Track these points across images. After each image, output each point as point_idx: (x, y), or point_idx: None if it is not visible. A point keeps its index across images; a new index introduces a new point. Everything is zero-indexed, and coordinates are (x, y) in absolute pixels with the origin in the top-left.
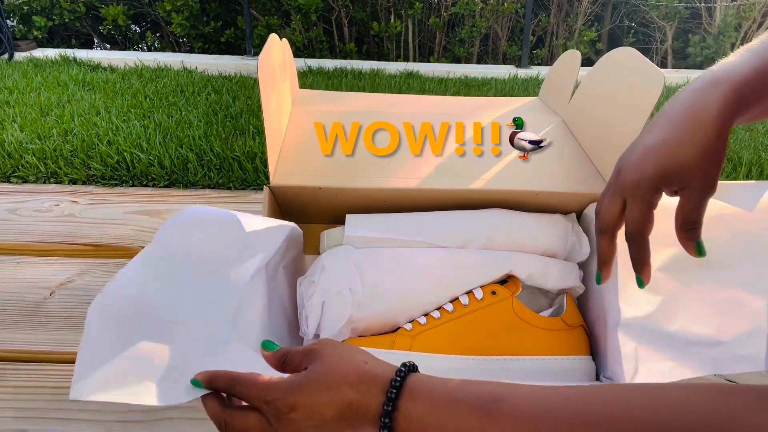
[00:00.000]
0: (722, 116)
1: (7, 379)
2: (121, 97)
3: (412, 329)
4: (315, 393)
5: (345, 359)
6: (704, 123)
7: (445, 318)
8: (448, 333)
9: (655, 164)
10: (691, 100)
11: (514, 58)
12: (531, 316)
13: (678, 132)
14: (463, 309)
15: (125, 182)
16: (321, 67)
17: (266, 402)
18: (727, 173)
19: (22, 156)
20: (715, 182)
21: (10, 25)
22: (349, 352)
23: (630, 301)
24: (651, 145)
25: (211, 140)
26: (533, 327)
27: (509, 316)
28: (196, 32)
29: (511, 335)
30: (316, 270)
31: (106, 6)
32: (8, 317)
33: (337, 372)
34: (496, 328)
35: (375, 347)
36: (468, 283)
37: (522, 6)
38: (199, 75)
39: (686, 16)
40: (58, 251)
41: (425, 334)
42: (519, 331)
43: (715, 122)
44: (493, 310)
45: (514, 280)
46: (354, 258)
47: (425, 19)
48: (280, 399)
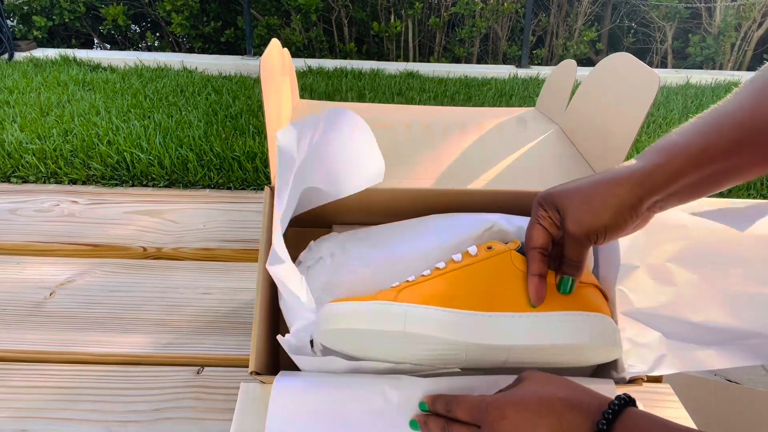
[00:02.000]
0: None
1: (7, 379)
2: (121, 97)
3: (398, 285)
4: (523, 409)
5: (553, 383)
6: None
7: (436, 273)
8: (439, 287)
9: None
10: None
11: (514, 58)
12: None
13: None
14: (455, 264)
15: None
16: (321, 67)
17: (479, 410)
18: None
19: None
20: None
21: (10, 25)
22: (554, 378)
23: (638, 290)
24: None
25: (211, 140)
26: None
27: (509, 270)
28: (196, 32)
29: (513, 290)
30: (305, 252)
31: (106, 6)
32: (8, 317)
33: (545, 395)
34: (495, 283)
35: (355, 300)
36: (463, 244)
37: (522, 6)
38: (199, 75)
39: (686, 16)
40: (58, 251)
41: (413, 287)
42: (522, 286)
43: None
44: (490, 264)
45: (514, 240)
46: (339, 235)
47: (425, 19)
48: (492, 404)
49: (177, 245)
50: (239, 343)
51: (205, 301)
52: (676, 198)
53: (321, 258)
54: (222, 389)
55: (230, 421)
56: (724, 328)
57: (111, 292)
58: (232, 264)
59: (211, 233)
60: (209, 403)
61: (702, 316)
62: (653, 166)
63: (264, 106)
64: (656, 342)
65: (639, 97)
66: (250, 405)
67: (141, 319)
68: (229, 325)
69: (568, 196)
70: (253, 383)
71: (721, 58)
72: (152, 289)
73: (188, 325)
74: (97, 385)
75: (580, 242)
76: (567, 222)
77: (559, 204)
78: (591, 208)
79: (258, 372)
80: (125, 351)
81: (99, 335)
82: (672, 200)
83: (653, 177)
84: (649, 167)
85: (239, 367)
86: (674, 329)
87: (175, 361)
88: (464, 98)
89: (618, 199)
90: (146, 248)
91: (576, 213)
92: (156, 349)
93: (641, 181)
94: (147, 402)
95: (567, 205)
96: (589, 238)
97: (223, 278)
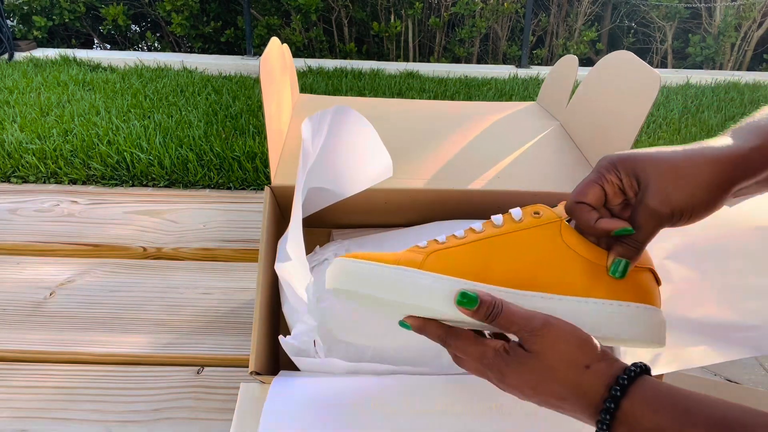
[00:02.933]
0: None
1: (7, 379)
2: (121, 97)
3: (426, 246)
4: (564, 339)
5: (582, 333)
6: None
7: (471, 238)
8: (472, 255)
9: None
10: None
11: (514, 58)
12: (586, 246)
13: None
14: (494, 230)
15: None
16: (321, 67)
17: (530, 321)
18: None
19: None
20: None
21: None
22: (579, 330)
23: None
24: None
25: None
26: (586, 260)
27: (555, 244)
28: (196, 32)
29: (556, 268)
30: (310, 255)
31: (106, 6)
32: (8, 317)
33: (565, 349)
34: (537, 258)
35: (375, 261)
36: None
37: (522, 6)
38: (199, 75)
39: (686, 16)
40: (58, 251)
41: (444, 253)
42: (567, 264)
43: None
44: (534, 235)
45: (562, 203)
46: (344, 240)
47: (425, 19)
48: (546, 323)
49: (177, 245)
50: (239, 343)
51: (205, 301)
52: (761, 186)
53: (326, 259)
54: (222, 389)
55: (230, 421)
56: (719, 323)
57: (111, 292)
58: (232, 264)
59: (211, 233)
60: (209, 403)
61: (698, 312)
62: (751, 149)
63: (264, 106)
64: None
65: (640, 97)
66: (250, 405)
67: (141, 319)
68: (229, 325)
69: (654, 165)
70: (253, 383)
71: (721, 58)
72: (152, 289)
73: (188, 325)
74: (97, 385)
75: (659, 221)
76: (649, 195)
77: (641, 172)
78: (684, 184)
79: (258, 372)
80: (125, 351)
81: (99, 335)
82: (756, 188)
83: (751, 159)
84: (747, 149)
85: (239, 367)
86: (671, 326)
87: (175, 361)
88: (464, 98)
89: (713, 177)
90: (146, 248)
91: (664, 186)
92: (156, 349)
93: (738, 163)
94: (147, 402)
95: (653, 175)
96: (672, 217)
97: (223, 278)
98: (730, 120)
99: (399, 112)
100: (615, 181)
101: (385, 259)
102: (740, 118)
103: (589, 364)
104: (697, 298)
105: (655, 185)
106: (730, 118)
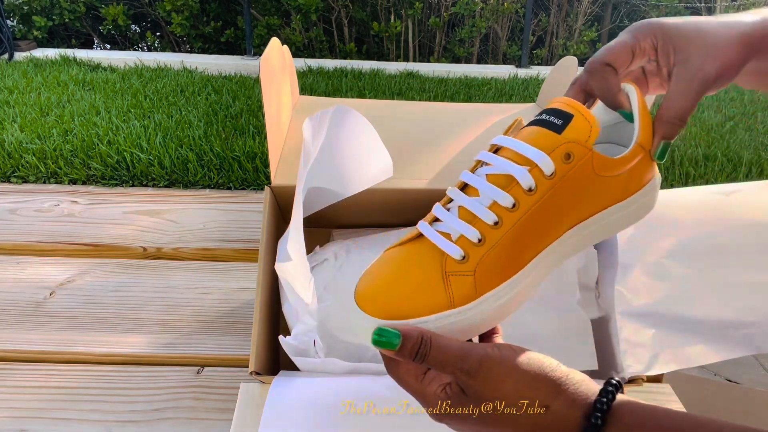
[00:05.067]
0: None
1: (6, 379)
2: (121, 97)
3: (465, 259)
4: (519, 377)
5: (534, 361)
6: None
7: (506, 218)
8: (515, 242)
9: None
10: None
11: (514, 58)
12: (612, 165)
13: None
14: (528, 200)
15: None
16: (321, 67)
17: (464, 361)
18: (727, 173)
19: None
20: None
21: (10, 25)
22: (531, 355)
23: (635, 289)
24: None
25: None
26: (615, 178)
27: (588, 178)
28: (196, 32)
29: (589, 198)
30: (310, 255)
31: (106, 6)
32: (8, 317)
33: (513, 390)
34: (574, 201)
35: (418, 313)
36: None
37: (522, 6)
38: (199, 75)
39: (686, 16)
40: (58, 251)
41: (491, 262)
42: (598, 190)
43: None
44: (570, 181)
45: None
46: (345, 240)
47: (425, 19)
48: (485, 361)
49: (177, 245)
50: (239, 343)
51: (205, 301)
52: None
53: (326, 260)
54: (222, 389)
55: (230, 421)
56: (717, 321)
57: (111, 292)
58: (232, 264)
59: (211, 233)
60: (209, 403)
61: (696, 310)
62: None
63: (264, 106)
64: (650, 341)
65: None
66: (250, 405)
67: (141, 319)
68: (229, 325)
69: (684, 33)
70: (253, 383)
71: None
72: (152, 289)
73: (188, 325)
74: (97, 385)
75: (698, 90)
76: (687, 65)
77: (676, 38)
78: (714, 52)
79: (258, 372)
80: (125, 351)
81: (99, 335)
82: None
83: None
84: (761, 26)
85: (239, 367)
86: (669, 326)
87: (175, 361)
88: (464, 98)
89: (735, 48)
90: (146, 248)
91: (700, 54)
92: (156, 349)
93: (755, 41)
94: (147, 402)
95: (685, 42)
96: (707, 87)
97: (223, 278)
98: (729, 120)
99: (399, 113)
100: (648, 47)
101: (422, 309)
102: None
103: (548, 404)
104: (694, 297)
105: (691, 53)
106: (730, 118)
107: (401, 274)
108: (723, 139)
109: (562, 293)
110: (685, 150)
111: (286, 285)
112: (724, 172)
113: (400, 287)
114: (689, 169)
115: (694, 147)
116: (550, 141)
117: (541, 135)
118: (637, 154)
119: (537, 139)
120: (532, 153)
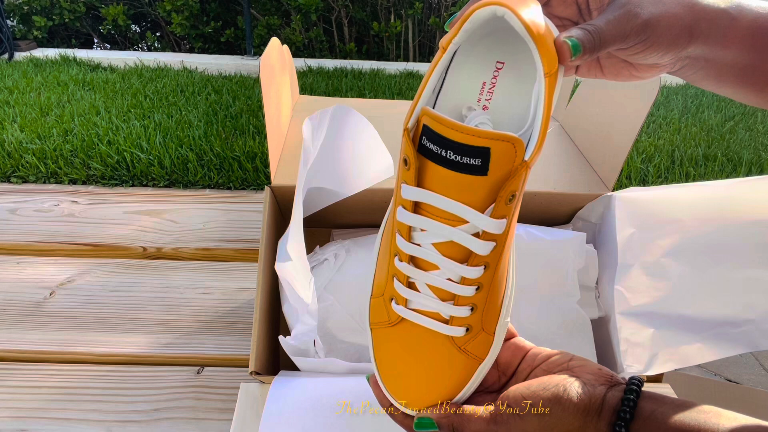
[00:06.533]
0: None
1: (6, 379)
2: (121, 97)
3: (469, 327)
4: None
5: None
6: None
7: (486, 279)
8: (497, 279)
9: None
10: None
11: None
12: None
13: None
14: (494, 255)
15: (125, 182)
16: (321, 67)
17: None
18: (727, 173)
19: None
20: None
21: (10, 25)
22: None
23: (635, 288)
24: None
25: (211, 140)
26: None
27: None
28: (196, 32)
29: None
30: (310, 255)
31: (106, 6)
32: (8, 317)
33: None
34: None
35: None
36: None
37: None
38: (199, 75)
39: None
40: (58, 251)
41: (484, 310)
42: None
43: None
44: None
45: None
46: (345, 241)
47: (425, 19)
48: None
49: (177, 245)
50: (239, 343)
51: (205, 301)
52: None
53: (326, 260)
54: (222, 389)
55: (230, 421)
56: (715, 319)
57: (111, 292)
58: (232, 264)
59: (211, 233)
60: (209, 403)
61: (694, 308)
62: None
63: (264, 106)
64: (649, 340)
65: (640, 97)
66: (250, 405)
67: (141, 319)
68: (229, 325)
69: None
70: (253, 383)
71: None
72: (152, 289)
73: (188, 325)
74: (97, 385)
75: (624, 20)
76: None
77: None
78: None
79: (258, 372)
80: (125, 351)
81: (99, 335)
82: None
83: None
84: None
85: (239, 367)
86: (667, 325)
87: (175, 361)
88: None
89: (682, 8)
90: (146, 248)
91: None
92: (156, 349)
93: (700, 16)
94: (147, 402)
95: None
96: (634, 26)
97: (223, 278)
98: (729, 120)
99: (399, 113)
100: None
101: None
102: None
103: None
104: (693, 295)
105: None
106: (730, 118)
107: (421, 360)
108: (723, 139)
109: (562, 293)
110: (685, 150)
111: (286, 285)
112: (724, 172)
113: (429, 375)
114: (689, 169)
115: (694, 147)
116: (481, 189)
117: (465, 185)
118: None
119: (461, 192)
120: (471, 215)
